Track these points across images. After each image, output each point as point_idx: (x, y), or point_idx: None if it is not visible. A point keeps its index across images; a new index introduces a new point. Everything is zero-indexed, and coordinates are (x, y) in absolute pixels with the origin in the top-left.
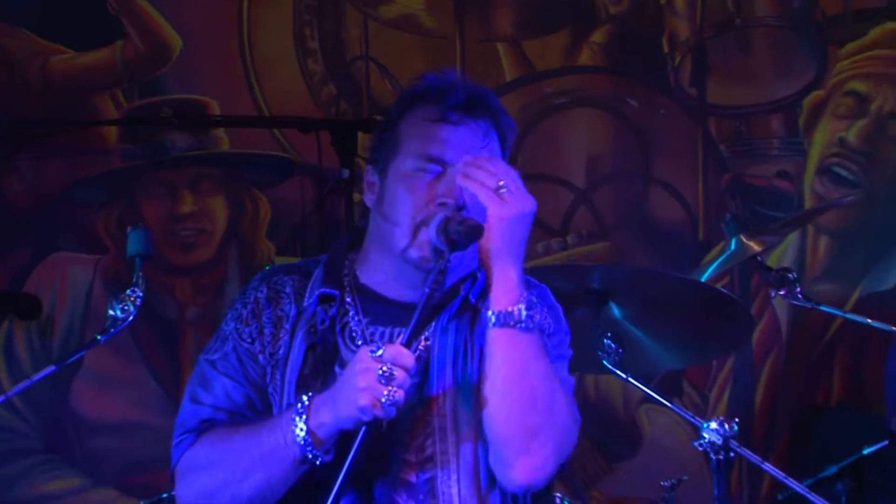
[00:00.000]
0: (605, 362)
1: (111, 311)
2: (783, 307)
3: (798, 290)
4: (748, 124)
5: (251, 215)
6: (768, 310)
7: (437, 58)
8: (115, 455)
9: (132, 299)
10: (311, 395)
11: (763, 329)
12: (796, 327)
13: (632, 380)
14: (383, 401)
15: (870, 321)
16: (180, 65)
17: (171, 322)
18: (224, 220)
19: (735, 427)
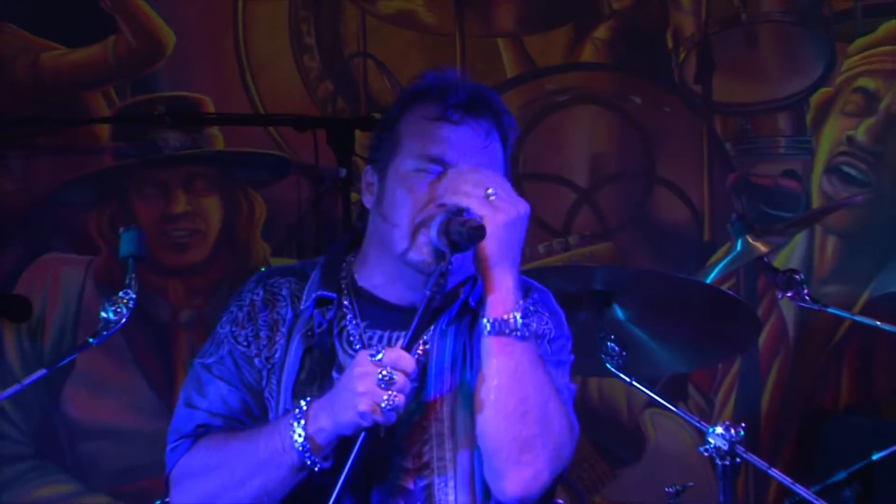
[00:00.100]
0: (608, 365)
1: (103, 314)
2: (790, 309)
3: (805, 291)
4: (754, 122)
5: (246, 215)
6: (775, 312)
7: (437, 54)
8: (108, 460)
9: (125, 301)
10: (309, 399)
11: (770, 332)
12: (804, 330)
13: (636, 383)
14: (383, 406)
15: (879, 323)
16: (174, 61)
17: (164, 324)
18: (218, 221)
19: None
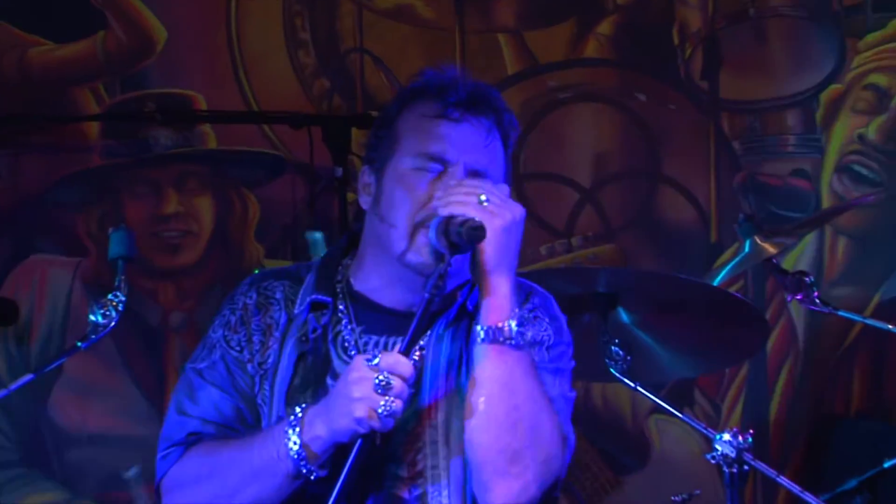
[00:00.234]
0: (612, 370)
1: (92, 317)
2: (800, 312)
3: (815, 294)
4: (763, 120)
5: (239, 216)
6: (784, 315)
7: (435, 50)
8: (96, 468)
9: (114, 304)
10: (304, 406)
11: (778, 335)
12: (813, 333)
13: (640, 389)
14: (380, 412)
15: (891, 327)
16: (164, 57)
17: (154, 328)
18: (210, 221)
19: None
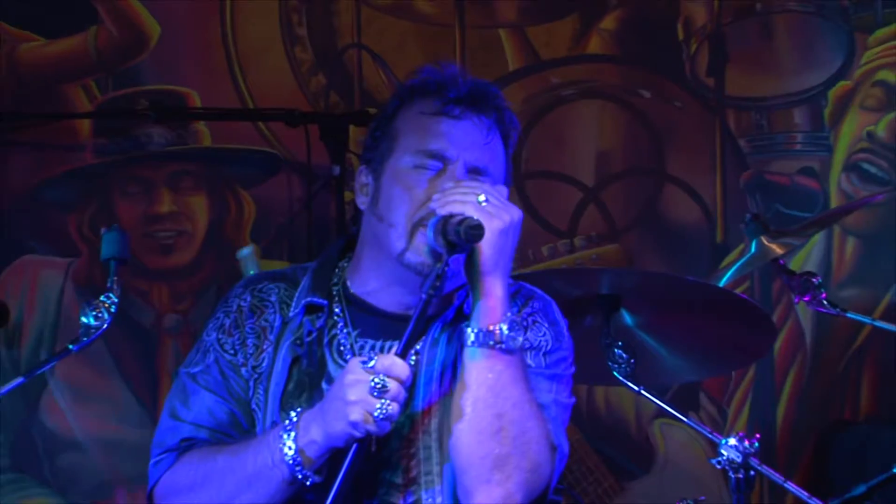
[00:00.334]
0: (615, 373)
1: (84, 319)
2: (807, 314)
3: (823, 295)
4: (770, 117)
5: (234, 215)
6: (791, 317)
7: (435, 46)
8: (88, 473)
9: (106, 306)
10: (299, 410)
11: (786, 338)
12: (821, 336)
13: (644, 392)
14: (376, 415)
15: None
16: (158, 53)
17: (147, 330)
18: (205, 221)
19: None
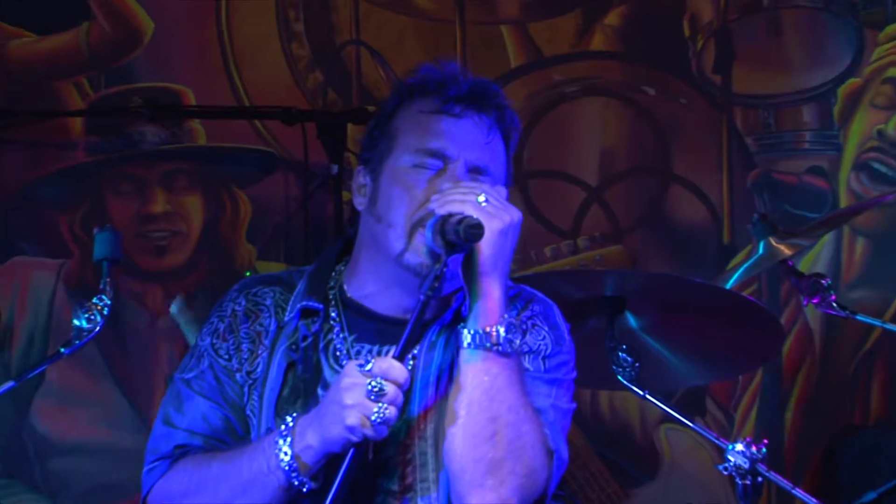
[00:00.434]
0: (619, 377)
1: (76, 321)
2: (816, 316)
3: (832, 297)
4: (777, 115)
5: (230, 215)
6: (800, 319)
7: (435, 42)
8: (80, 478)
9: (99, 308)
10: (295, 416)
11: (794, 341)
12: (831, 339)
13: (649, 397)
14: (373, 419)
15: None
16: (152, 49)
17: (141, 333)
18: (200, 221)
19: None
